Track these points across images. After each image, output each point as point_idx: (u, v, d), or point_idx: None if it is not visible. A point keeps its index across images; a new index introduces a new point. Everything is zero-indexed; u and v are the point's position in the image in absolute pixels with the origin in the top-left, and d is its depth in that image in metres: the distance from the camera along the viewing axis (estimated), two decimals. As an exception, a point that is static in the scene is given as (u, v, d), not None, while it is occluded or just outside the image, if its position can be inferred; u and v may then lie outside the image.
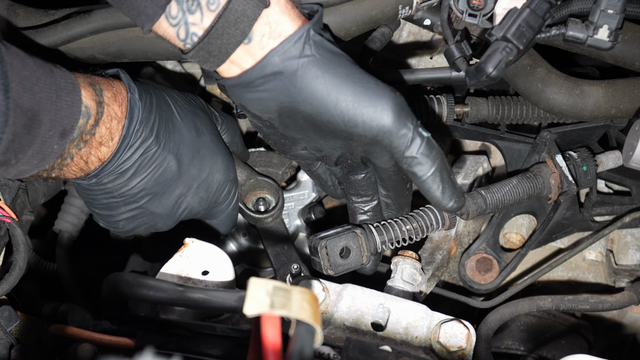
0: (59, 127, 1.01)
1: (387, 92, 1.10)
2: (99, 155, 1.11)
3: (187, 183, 1.24)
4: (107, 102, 1.10)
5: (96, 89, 1.08)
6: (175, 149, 1.21)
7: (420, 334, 1.12)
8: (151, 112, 1.17)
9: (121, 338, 1.04)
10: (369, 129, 1.10)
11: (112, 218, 1.23)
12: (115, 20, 1.21)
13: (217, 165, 1.29)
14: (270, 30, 1.08)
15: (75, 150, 1.07)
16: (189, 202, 1.26)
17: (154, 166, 1.18)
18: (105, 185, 1.16)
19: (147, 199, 1.21)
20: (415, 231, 1.26)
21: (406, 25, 1.55)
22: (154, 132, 1.17)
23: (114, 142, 1.12)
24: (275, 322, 0.78)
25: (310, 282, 1.14)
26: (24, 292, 1.35)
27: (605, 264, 1.52)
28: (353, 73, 1.10)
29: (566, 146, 1.41)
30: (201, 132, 1.27)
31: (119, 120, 1.12)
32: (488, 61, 1.09)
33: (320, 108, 1.10)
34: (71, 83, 1.03)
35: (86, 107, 1.05)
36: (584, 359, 1.07)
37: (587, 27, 1.12)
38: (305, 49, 1.08)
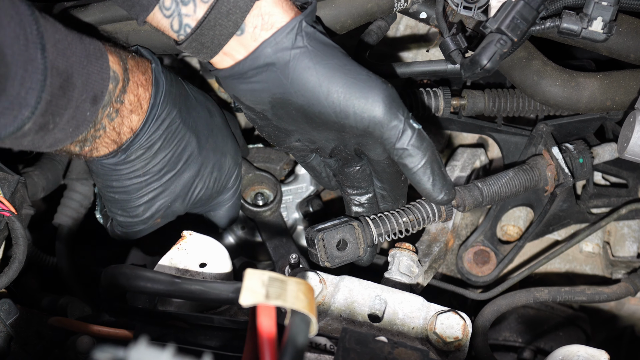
0: (91, 92, 1.02)
1: (378, 83, 1.11)
2: (131, 124, 1.13)
3: (203, 162, 1.25)
4: (132, 69, 1.11)
5: (121, 56, 1.10)
6: (194, 125, 1.22)
7: (417, 325, 1.12)
8: (172, 85, 1.19)
9: (120, 330, 1.05)
10: (360, 120, 1.11)
11: (132, 203, 1.23)
12: (112, 14, 1.22)
13: (228, 146, 1.31)
14: (263, 21, 1.08)
15: (108, 121, 1.08)
16: (205, 182, 1.27)
17: (177, 140, 1.20)
18: (132, 161, 1.17)
19: (168, 176, 1.22)
20: (412, 223, 1.26)
21: (403, 19, 1.56)
22: (176, 106, 1.19)
23: (143, 110, 1.13)
24: (270, 312, 0.79)
25: (306, 273, 1.15)
26: (23, 285, 1.36)
27: (602, 255, 1.53)
28: (345, 65, 1.11)
29: (562, 138, 1.42)
30: (213, 113, 1.29)
31: (144, 88, 1.13)
32: (482, 53, 1.09)
33: (312, 99, 1.10)
34: (99, 49, 1.04)
35: (114, 72, 1.06)
36: (580, 349, 1.08)
37: (582, 19, 1.13)
38: (297, 41, 1.09)
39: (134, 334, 1.03)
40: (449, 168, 1.48)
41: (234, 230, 1.47)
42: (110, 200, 1.24)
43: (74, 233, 1.47)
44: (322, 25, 1.21)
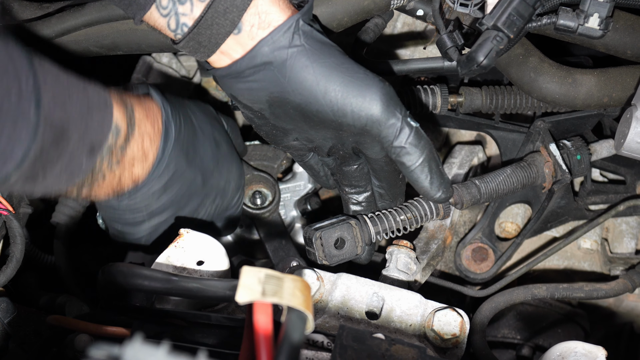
0: (88, 144, 1.01)
1: (376, 81, 1.11)
2: (133, 175, 1.12)
3: (207, 193, 1.26)
4: (139, 121, 1.10)
5: (127, 107, 1.08)
6: (200, 163, 1.22)
7: (414, 322, 1.12)
8: (181, 131, 1.18)
9: (117, 328, 1.05)
10: (357, 118, 1.11)
11: (134, 235, 1.24)
12: (109, 13, 1.22)
13: (233, 173, 1.32)
14: (260, 20, 1.08)
15: (107, 169, 1.07)
16: (207, 210, 1.28)
17: (181, 183, 1.20)
18: (136, 204, 1.18)
19: (170, 211, 1.22)
20: (410, 221, 1.26)
21: (400, 17, 1.56)
22: (183, 150, 1.18)
23: (148, 162, 1.13)
24: (267, 309, 0.79)
25: (304, 271, 1.15)
26: (21, 284, 1.36)
27: (600, 252, 1.53)
28: (342, 63, 1.11)
29: (560, 135, 1.42)
30: (219, 143, 1.28)
31: (151, 140, 1.12)
32: (479, 50, 1.09)
33: (310, 98, 1.10)
34: (104, 100, 1.03)
35: (117, 124, 1.05)
36: (577, 345, 1.08)
37: (578, 15, 1.13)
38: (294, 39, 1.09)
39: (131, 332, 1.03)
40: (446, 165, 1.48)
41: (231, 228, 1.47)
42: (113, 229, 1.26)
43: (72, 232, 1.46)
44: (318, 23, 1.21)
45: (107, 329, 1.04)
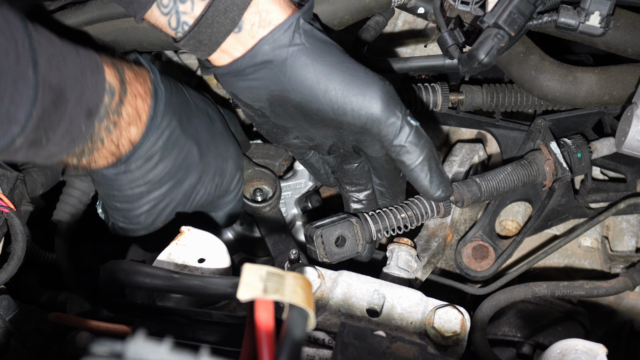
0: (85, 106, 1.01)
1: (376, 80, 1.11)
2: (130, 136, 1.12)
3: (204, 169, 1.25)
4: (129, 81, 1.10)
5: (118, 68, 1.09)
6: (195, 133, 1.22)
7: (415, 320, 1.13)
8: (172, 94, 1.18)
9: (119, 325, 1.05)
10: (357, 117, 1.11)
11: (133, 212, 1.23)
12: (110, 11, 1.22)
13: (230, 152, 1.31)
14: (260, 19, 1.08)
15: (105, 133, 1.07)
16: (206, 188, 1.27)
17: (177, 150, 1.19)
18: (133, 172, 1.17)
19: (169, 184, 1.21)
20: (410, 219, 1.26)
21: (401, 14, 1.56)
22: (176, 115, 1.18)
23: (142, 122, 1.13)
24: (268, 307, 0.79)
25: (305, 268, 1.15)
26: (22, 281, 1.36)
27: (601, 250, 1.53)
28: (342, 62, 1.11)
29: (561, 133, 1.42)
30: (213, 119, 1.28)
31: (143, 99, 1.12)
32: (480, 48, 1.09)
33: (310, 96, 1.10)
34: (95, 62, 1.03)
35: (110, 84, 1.05)
36: (578, 343, 1.08)
37: (579, 13, 1.13)
38: (295, 38, 1.09)
39: (133, 329, 1.04)
40: (447, 163, 1.48)
41: (233, 226, 1.47)
42: (112, 208, 1.25)
43: (73, 229, 1.47)
44: (319, 22, 1.21)
45: (108, 326, 1.05)
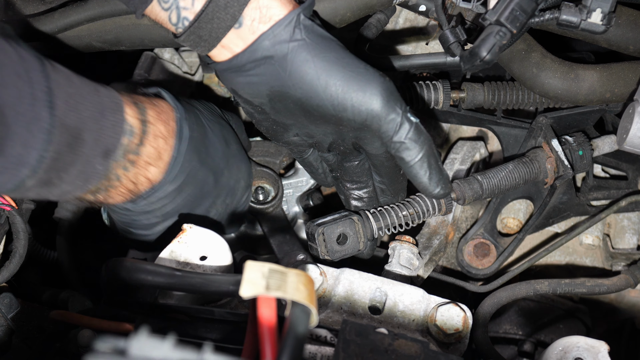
0: (102, 147, 1.00)
1: (376, 76, 1.11)
2: (148, 175, 1.11)
3: (218, 193, 1.25)
4: (151, 121, 1.09)
5: (140, 107, 1.08)
6: (212, 163, 1.22)
7: (417, 317, 1.13)
8: (193, 130, 1.17)
9: (121, 323, 1.05)
10: (357, 113, 1.11)
11: (146, 237, 1.23)
12: (111, 8, 1.22)
13: (242, 172, 1.31)
14: (261, 14, 1.08)
15: (122, 172, 1.06)
16: (217, 210, 1.27)
17: (195, 182, 1.19)
18: (151, 205, 1.17)
19: (184, 213, 1.21)
20: (412, 217, 1.27)
21: (402, 12, 1.56)
22: (196, 151, 1.17)
23: (164, 162, 1.12)
24: (270, 304, 0.79)
25: (307, 266, 1.15)
26: (24, 279, 1.36)
27: (602, 248, 1.53)
28: (343, 58, 1.11)
29: (562, 131, 1.42)
30: (229, 142, 1.28)
31: (165, 139, 1.11)
32: (482, 45, 1.09)
33: (310, 92, 1.10)
34: (116, 102, 1.03)
35: (130, 125, 1.04)
36: (580, 340, 1.09)
37: (581, 10, 1.13)
38: (295, 33, 1.09)
39: (135, 326, 1.03)
40: (448, 161, 1.48)
41: (234, 224, 1.47)
42: (124, 231, 1.25)
43: (74, 227, 1.47)
44: (319, 18, 1.21)
45: (110, 324, 1.05)
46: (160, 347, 0.63)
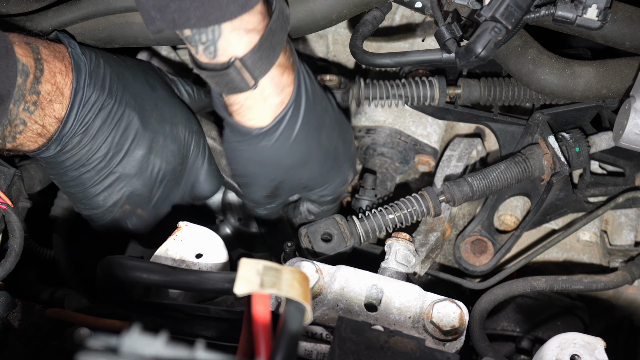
0: None
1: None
2: (54, 114, 1.12)
3: (152, 137, 1.23)
4: (46, 59, 1.10)
5: (32, 47, 1.08)
6: (133, 102, 1.21)
7: (414, 314, 1.12)
8: (99, 66, 1.18)
9: (116, 321, 1.05)
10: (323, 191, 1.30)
11: (88, 193, 1.22)
12: (105, 6, 1.22)
13: (177, 117, 1.28)
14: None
15: (26, 115, 1.08)
16: (162, 157, 1.25)
17: (115, 121, 1.18)
18: (71, 151, 1.16)
19: (117, 159, 1.20)
20: (399, 219, 1.31)
21: (398, 9, 1.56)
22: (106, 86, 1.17)
23: (66, 97, 1.13)
24: (265, 301, 0.79)
25: (302, 263, 1.15)
26: (20, 277, 1.36)
27: (600, 244, 1.53)
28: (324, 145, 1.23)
29: (559, 127, 1.42)
30: (154, 87, 1.27)
31: (64, 74, 1.12)
32: (477, 41, 1.09)
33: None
34: (4, 47, 1.03)
35: (23, 65, 1.05)
36: (577, 336, 1.09)
37: (576, 6, 1.13)
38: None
39: (131, 324, 1.03)
40: (445, 158, 1.48)
41: (231, 222, 1.47)
42: (70, 195, 1.24)
43: (70, 225, 1.47)
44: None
45: (106, 321, 1.05)
46: (152, 344, 0.63)
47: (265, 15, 1.06)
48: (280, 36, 1.08)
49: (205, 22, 1.01)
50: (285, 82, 1.13)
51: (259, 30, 1.05)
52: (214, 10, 0.99)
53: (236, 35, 1.04)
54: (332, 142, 1.25)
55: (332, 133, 1.25)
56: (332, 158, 1.26)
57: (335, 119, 1.27)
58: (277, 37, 1.07)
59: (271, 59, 1.08)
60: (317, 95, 1.20)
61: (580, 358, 1.06)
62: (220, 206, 1.47)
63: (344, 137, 1.29)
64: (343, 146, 1.29)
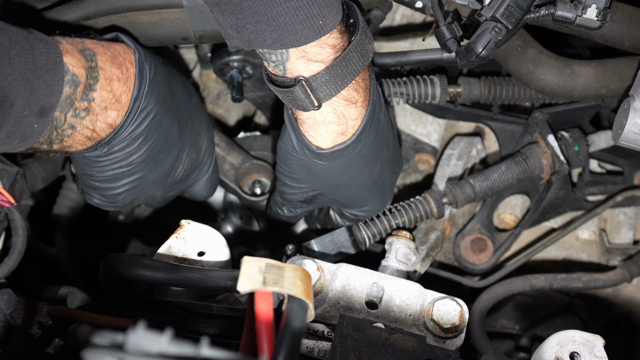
0: (36, 106, 0.99)
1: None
2: (108, 120, 1.11)
3: (182, 145, 1.25)
4: (102, 66, 1.08)
5: (87, 54, 1.07)
6: (176, 111, 1.22)
7: (414, 312, 1.13)
8: (157, 73, 1.18)
9: (119, 318, 1.06)
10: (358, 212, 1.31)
11: (112, 191, 1.22)
12: (107, 6, 1.22)
13: (203, 124, 1.31)
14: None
15: (76, 120, 1.06)
16: (183, 165, 1.27)
17: (160, 130, 1.19)
18: (115, 153, 1.16)
19: (150, 166, 1.21)
20: (404, 224, 1.33)
21: (399, 9, 1.56)
22: (160, 95, 1.18)
23: (122, 104, 1.12)
24: (268, 298, 0.80)
25: (304, 261, 1.15)
26: (23, 275, 1.36)
27: (598, 243, 1.54)
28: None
29: (558, 126, 1.42)
30: (191, 93, 1.29)
31: (121, 82, 1.11)
32: (477, 41, 1.10)
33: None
34: (53, 60, 1.01)
35: (73, 75, 1.04)
36: (576, 334, 1.09)
37: (576, 6, 1.13)
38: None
39: (133, 322, 1.04)
40: (445, 157, 1.48)
41: (232, 220, 1.48)
42: (90, 186, 1.24)
43: (73, 223, 1.47)
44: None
45: (109, 319, 1.05)
46: (157, 341, 0.64)
47: (338, 48, 1.08)
48: (350, 68, 1.09)
49: (280, 45, 1.04)
50: (350, 115, 1.14)
51: (326, 62, 1.07)
52: (289, 34, 1.02)
53: (303, 62, 1.07)
54: (383, 174, 1.25)
55: (386, 166, 1.25)
56: (378, 187, 1.26)
57: (393, 153, 1.28)
58: (347, 69, 1.09)
59: (337, 88, 1.10)
60: (382, 130, 1.21)
61: (580, 355, 1.06)
62: (222, 205, 1.48)
63: (393, 171, 1.30)
64: (391, 179, 1.30)
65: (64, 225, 1.45)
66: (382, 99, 1.22)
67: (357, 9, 1.11)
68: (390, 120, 1.27)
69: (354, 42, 1.08)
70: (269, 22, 1.01)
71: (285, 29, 1.02)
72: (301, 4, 1.00)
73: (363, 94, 1.14)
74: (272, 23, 1.01)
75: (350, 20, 1.11)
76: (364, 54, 1.10)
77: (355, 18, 1.11)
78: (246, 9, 1.01)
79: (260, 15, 1.01)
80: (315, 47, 1.06)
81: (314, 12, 1.01)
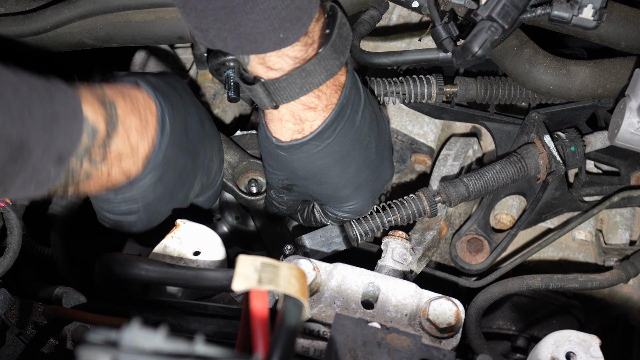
0: (54, 154, 0.97)
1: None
2: (122, 169, 1.10)
3: (195, 174, 1.26)
4: (122, 116, 1.07)
5: (106, 105, 1.05)
6: (191, 147, 1.22)
7: (410, 312, 1.13)
8: (175, 118, 1.16)
9: (114, 318, 1.06)
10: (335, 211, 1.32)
11: (125, 222, 1.22)
12: (103, 5, 1.22)
13: (214, 149, 1.32)
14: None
15: (91, 167, 1.04)
16: (194, 191, 1.28)
17: (176, 168, 1.19)
18: (131, 195, 1.16)
19: (165, 200, 1.21)
20: (396, 222, 1.33)
21: (395, 8, 1.56)
22: (177, 140, 1.17)
23: (140, 155, 1.11)
24: (263, 297, 0.80)
25: (299, 260, 1.15)
26: (18, 275, 1.36)
27: (595, 243, 1.54)
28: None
29: (555, 127, 1.42)
30: (203, 121, 1.28)
31: (140, 132, 1.10)
32: (473, 40, 1.10)
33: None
34: (72, 108, 0.99)
35: (92, 125, 1.01)
36: (572, 334, 1.09)
37: (572, 6, 1.14)
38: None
39: (129, 320, 1.04)
40: (441, 157, 1.48)
41: (228, 220, 1.48)
42: (103, 217, 1.24)
43: (68, 223, 1.47)
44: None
45: (104, 318, 1.05)
46: (152, 338, 0.63)
47: (300, 59, 1.09)
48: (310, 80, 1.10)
49: (241, 51, 1.07)
50: (307, 117, 1.15)
51: (285, 71, 1.09)
52: (249, 43, 1.04)
53: (262, 68, 1.10)
54: (361, 176, 1.26)
55: (364, 169, 1.25)
56: (354, 188, 1.26)
57: (377, 158, 1.28)
58: (307, 80, 1.10)
59: (294, 95, 1.11)
60: (358, 133, 1.21)
61: (576, 355, 1.06)
62: (218, 204, 1.47)
63: (376, 177, 1.30)
64: (373, 184, 1.29)
65: (59, 225, 1.45)
66: (366, 102, 1.22)
67: (340, 19, 1.11)
68: (379, 126, 1.27)
69: (318, 57, 1.09)
70: (231, 30, 1.02)
71: (246, 37, 1.03)
72: (262, 17, 1.00)
73: (326, 99, 1.15)
74: (234, 32, 1.02)
75: (326, 31, 1.11)
76: (328, 68, 1.11)
77: (331, 30, 1.11)
78: (209, 16, 1.02)
79: (222, 23, 1.02)
80: (274, 57, 1.08)
81: (275, 25, 1.02)
